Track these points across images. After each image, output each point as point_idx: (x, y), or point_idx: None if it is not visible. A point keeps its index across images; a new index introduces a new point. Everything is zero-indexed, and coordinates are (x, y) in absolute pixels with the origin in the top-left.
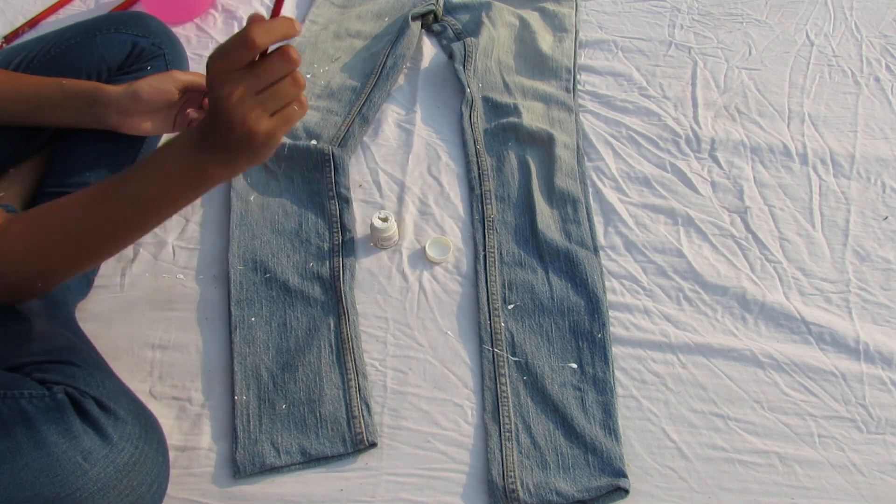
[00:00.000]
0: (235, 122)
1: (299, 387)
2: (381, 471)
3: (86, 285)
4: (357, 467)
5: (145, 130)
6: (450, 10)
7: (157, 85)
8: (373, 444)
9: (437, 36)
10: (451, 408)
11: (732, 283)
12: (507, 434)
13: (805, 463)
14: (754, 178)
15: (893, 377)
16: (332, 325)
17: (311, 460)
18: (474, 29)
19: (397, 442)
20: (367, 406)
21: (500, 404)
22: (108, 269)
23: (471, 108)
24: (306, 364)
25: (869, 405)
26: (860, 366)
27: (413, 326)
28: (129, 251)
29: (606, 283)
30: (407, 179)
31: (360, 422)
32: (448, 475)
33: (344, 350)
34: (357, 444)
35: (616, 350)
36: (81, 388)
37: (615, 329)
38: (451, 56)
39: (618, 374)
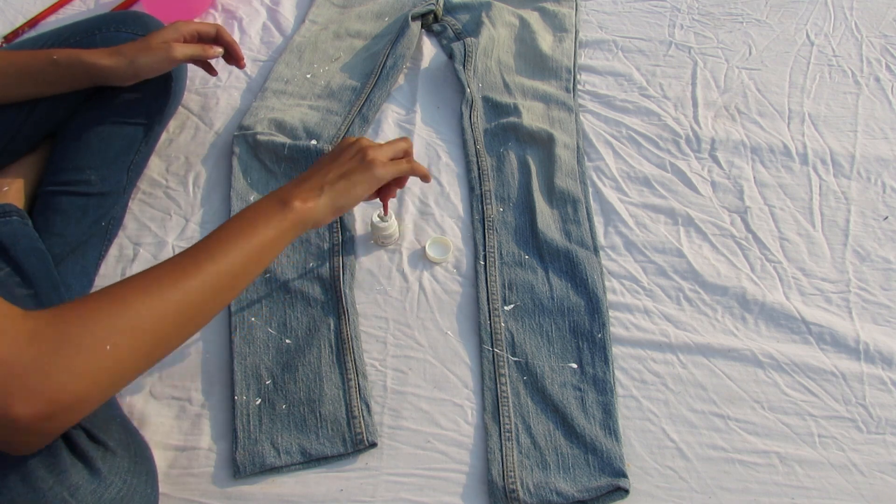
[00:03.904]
0: (359, 150)
1: (299, 387)
2: (381, 471)
3: (86, 285)
4: (357, 467)
5: (146, 78)
6: (450, 10)
7: (156, 66)
8: (373, 444)
9: (437, 36)
10: (451, 408)
11: (732, 283)
12: (507, 434)
13: (805, 463)
14: (754, 178)
15: (893, 377)
16: (332, 325)
17: (311, 460)
18: (474, 29)
19: (397, 442)
20: (367, 406)
21: (500, 404)
22: (108, 269)
23: (471, 108)
24: (306, 364)
25: (869, 405)
26: (860, 366)
27: (413, 326)
28: (129, 251)
29: (606, 283)
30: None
31: (360, 422)
32: (448, 475)
33: (344, 350)
34: (357, 444)
35: (616, 350)
36: None
37: (615, 329)
38: (451, 56)
39: (618, 374)
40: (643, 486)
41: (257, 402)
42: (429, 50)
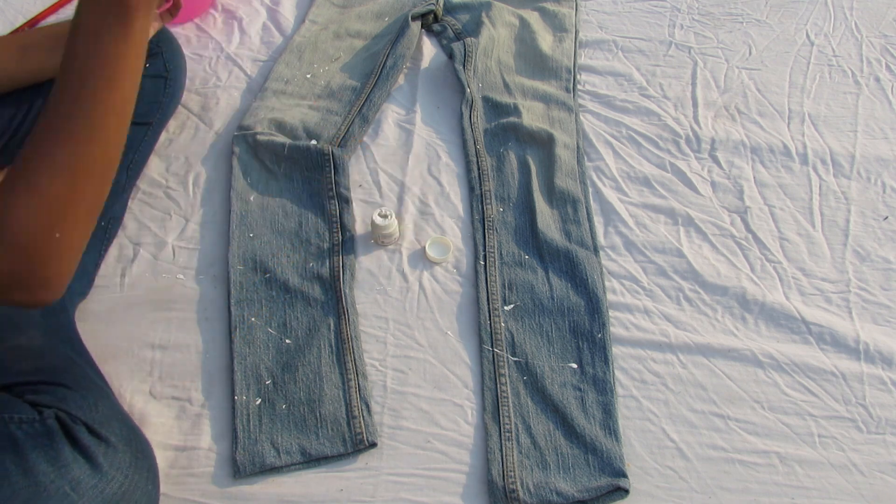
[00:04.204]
0: None
1: (299, 387)
2: (381, 471)
3: (86, 285)
4: (357, 467)
5: None
6: (450, 10)
7: None
8: (373, 444)
9: (437, 36)
10: (451, 408)
11: (732, 283)
12: (507, 434)
13: (805, 463)
14: (754, 178)
15: (893, 377)
16: (332, 325)
17: (311, 460)
18: (474, 29)
19: (397, 442)
20: (367, 406)
21: (500, 404)
22: (108, 269)
23: (471, 108)
24: (306, 364)
25: (869, 405)
26: (860, 366)
27: (413, 326)
28: (129, 251)
29: (606, 283)
30: (407, 179)
31: (360, 422)
32: (448, 475)
33: (344, 350)
34: (357, 444)
35: (616, 350)
36: (73, 413)
37: (615, 329)
38: (451, 56)
39: (618, 374)
40: (643, 486)
41: (257, 402)
42: (429, 50)
